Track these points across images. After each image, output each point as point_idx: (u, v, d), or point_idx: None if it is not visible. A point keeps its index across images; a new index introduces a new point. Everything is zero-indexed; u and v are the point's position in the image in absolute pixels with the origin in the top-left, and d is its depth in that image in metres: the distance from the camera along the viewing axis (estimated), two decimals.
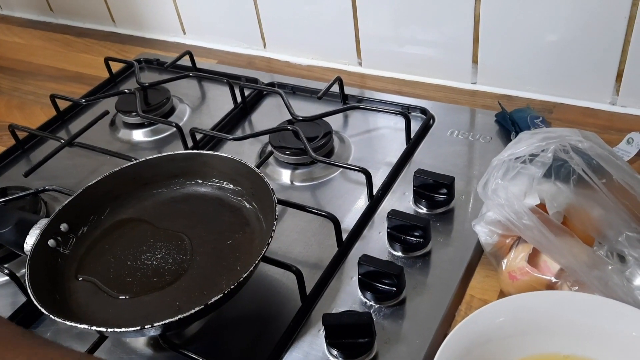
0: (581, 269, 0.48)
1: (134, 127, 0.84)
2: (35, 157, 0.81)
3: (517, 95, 0.78)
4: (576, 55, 0.72)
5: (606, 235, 0.51)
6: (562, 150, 0.49)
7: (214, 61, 0.98)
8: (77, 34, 1.12)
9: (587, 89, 0.74)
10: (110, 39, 1.09)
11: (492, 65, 0.79)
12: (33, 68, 1.04)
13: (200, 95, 0.90)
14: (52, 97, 0.86)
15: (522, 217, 0.48)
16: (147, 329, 0.47)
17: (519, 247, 0.53)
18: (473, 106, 0.78)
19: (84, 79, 0.98)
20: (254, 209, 0.61)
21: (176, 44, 1.04)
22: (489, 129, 0.73)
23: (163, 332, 0.52)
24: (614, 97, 0.73)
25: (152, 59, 0.98)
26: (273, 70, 0.93)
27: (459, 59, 0.80)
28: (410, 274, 0.57)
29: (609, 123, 0.72)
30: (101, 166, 0.76)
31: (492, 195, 0.50)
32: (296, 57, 0.94)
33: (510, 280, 0.53)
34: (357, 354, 0.50)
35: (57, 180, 0.73)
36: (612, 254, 0.52)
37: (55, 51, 1.09)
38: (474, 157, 0.70)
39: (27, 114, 0.93)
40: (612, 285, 0.48)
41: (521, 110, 0.72)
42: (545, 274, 0.51)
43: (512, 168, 0.50)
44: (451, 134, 0.73)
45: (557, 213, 0.52)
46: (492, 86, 0.80)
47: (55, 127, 0.87)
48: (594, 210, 0.52)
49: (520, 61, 0.76)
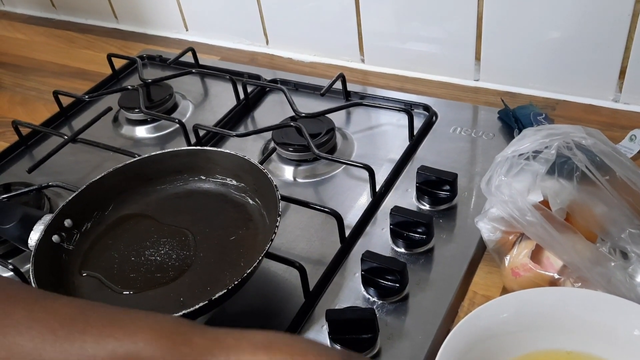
0: (584, 266, 0.48)
1: (137, 124, 0.84)
2: (39, 153, 0.82)
3: (520, 92, 0.78)
4: (579, 52, 0.72)
5: (609, 232, 0.52)
6: (566, 147, 0.49)
7: (217, 58, 0.98)
8: (79, 30, 1.12)
9: (590, 85, 0.74)
10: (113, 36, 1.09)
11: (495, 62, 0.79)
12: (36, 64, 1.04)
13: (203, 92, 0.90)
14: (55, 93, 0.87)
15: (525, 213, 0.49)
16: None
17: (522, 244, 0.53)
18: (476, 103, 0.78)
19: (87, 75, 0.98)
20: (258, 205, 0.61)
21: (179, 41, 1.04)
22: (491, 126, 0.73)
23: None
24: (616, 94, 0.73)
25: (154, 56, 0.98)
26: (276, 67, 0.93)
27: (461, 55, 0.80)
28: (413, 270, 0.57)
29: (612, 120, 0.72)
30: (104, 162, 0.76)
31: (496, 191, 0.51)
32: (299, 54, 0.94)
33: (513, 277, 0.53)
34: (360, 349, 0.51)
35: (60, 177, 0.73)
36: (615, 250, 0.52)
37: (57, 47, 1.09)
38: (476, 154, 0.70)
39: (29, 110, 0.93)
40: (614, 281, 0.48)
41: (524, 107, 0.72)
42: (548, 271, 0.51)
43: (515, 164, 0.50)
44: (454, 131, 0.73)
45: (560, 210, 0.52)
46: (495, 83, 0.80)
47: (58, 123, 0.87)
48: (597, 207, 0.52)
49: (523, 58, 0.76)
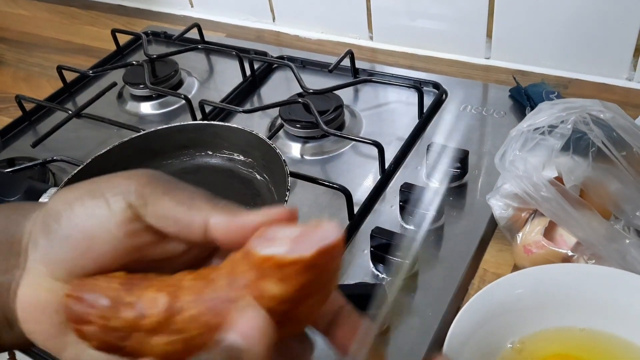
0: (600, 242, 0.47)
1: (142, 100, 0.83)
2: (42, 128, 0.81)
3: (532, 70, 0.77)
4: (592, 30, 0.71)
5: (623, 210, 0.51)
6: (582, 122, 0.48)
7: (222, 34, 0.96)
8: (83, 6, 1.11)
9: (604, 64, 0.73)
10: (117, 12, 1.07)
11: (507, 39, 0.77)
12: (39, 40, 1.03)
13: (208, 69, 0.89)
14: (59, 68, 0.85)
15: (540, 189, 0.48)
16: None
17: (535, 221, 0.52)
18: (487, 81, 0.77)
19: (91, 51, 0.97)
20: (265, 180, 0.60)
21: (183, 17, 1.02)
22: (502, 104, 0.72)
23: None
24: (630, 73, 0.72)
25: (159, 32, 0.96)
26: (282, 44, 0.91)
27: (472, 33, 0.79)
28: (423, 248, 0.56)
29: (626, 99, 0.70)
30: (109, 138, 0.75)
31: (510, 166, 0.50)
32: (306, 31, 0.93)
33: (525, 254, 0.52)
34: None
35: (64, 152, 0.72)
36: (629, 228, 0.51)
37: (61, 23, 1.07)
38: (487, 132, 0.69)
39: (33, 86, 0.92)
40: (630, 258, 0.47)
41: (536, 85, 0.71)
42: (561, 248, 0.50)
43: (530, 139, 0.49)
44: (464, 109, 0.72)
45: (574, 187, 0.51)
46: (507, 61, 0.79)
47: (62, 98, 0.86)
48: (612, 184, 0.51)
49: (535, 36, 0.75)
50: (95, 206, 0.27)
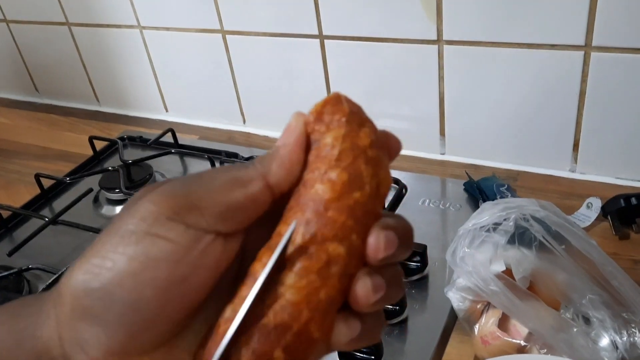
0: (548, 332, 0.50)
1: (118, 204, 0.86)
2: (19, 235, 0.83)
3: (483, 164, 0.83)
4: (536, 128, 0.78)
5: (571, 299, 0.54)
6: (523, 219, 0.53)
7: (195, 137, 1.02)
8: (62, 113, 1.16)
9: (548, 158, 0.79)
10: (95, 118, 1.13)
11: (459, 137, 0.84)
12: (18, 147, 1.07)
13: (182, 171, 0.93)
14: (36, 176, 0.89)
15: (489, 283, 0.51)
16: None
17: (490, 312, 0.56)
18: (443, 176, 0.82)
19: (69, 157, 1.01)
20: None
21: (159, 121, 1.08)
22: (458, 198, 0.77)
23: None
24: (572, 165, 0.78)
25: (135, 137, 1.01)
26: (252, 145, 0.97)
27: (427, 131, 0.85)
28: (387, 342, 0.59)
29: (570, 189, 0.76)
30: (85, 243, 0.78)
31: (460, 262, 0.53)
32: (275, 132, 0.98)
33: (483, 345, 0.55)
34: None
35: (40, 259, 0.74)
36: (579, 316, 0.55)
37: (40, 130, 1.12)
38: (446, 225, 0.73)
39: (11, 193, 0.95)
40: (577, 346, 0.50)
41: (487, 178, 0.76)
42: (515, 338, 0.53)
43: (477, 236, 0.54)
44: (423, 203, 0.77)
45: (524, 278, 0.55)
46: (460, 156, 0.85)
47: (39, 205, 0.89)
48: (558, 274, 0.55)
49: (484, 133, 0.81)
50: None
